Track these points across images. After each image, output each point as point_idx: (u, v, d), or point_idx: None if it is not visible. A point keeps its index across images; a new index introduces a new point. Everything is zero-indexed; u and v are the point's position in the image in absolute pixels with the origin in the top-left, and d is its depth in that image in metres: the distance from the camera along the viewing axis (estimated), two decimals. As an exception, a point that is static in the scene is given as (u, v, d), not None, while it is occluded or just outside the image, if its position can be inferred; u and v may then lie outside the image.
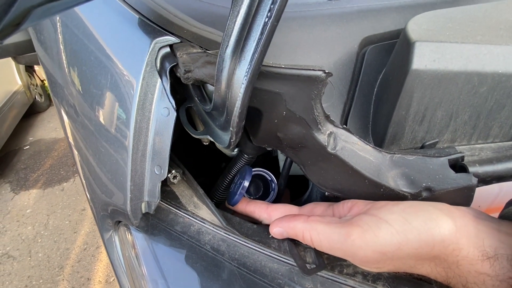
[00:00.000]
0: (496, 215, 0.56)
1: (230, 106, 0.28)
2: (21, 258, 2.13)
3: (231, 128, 0.27)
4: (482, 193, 0.53)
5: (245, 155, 0.49)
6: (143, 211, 0.38)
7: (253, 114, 0.36)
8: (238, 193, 0.41)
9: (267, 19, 0.21)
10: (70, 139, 0.51)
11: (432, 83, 0.36)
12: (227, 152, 0.51)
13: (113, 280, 1.91)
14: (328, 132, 0.35)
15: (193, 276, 0.35)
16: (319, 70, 0.30)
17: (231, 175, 0.52)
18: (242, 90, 0.24)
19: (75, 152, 0.49)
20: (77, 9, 0.47)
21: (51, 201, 2.59)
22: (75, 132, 0.48)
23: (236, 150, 0.50)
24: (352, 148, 0.35)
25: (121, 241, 0.42)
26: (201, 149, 0.63)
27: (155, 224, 0.40)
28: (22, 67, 3.39)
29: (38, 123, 3.66)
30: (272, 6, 0.21)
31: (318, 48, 0.47)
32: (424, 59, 0.34)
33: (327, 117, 0.34)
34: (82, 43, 0.44)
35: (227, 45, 0.25)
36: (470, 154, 0.38)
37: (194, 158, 0.68)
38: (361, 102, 0.46)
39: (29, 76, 3.64)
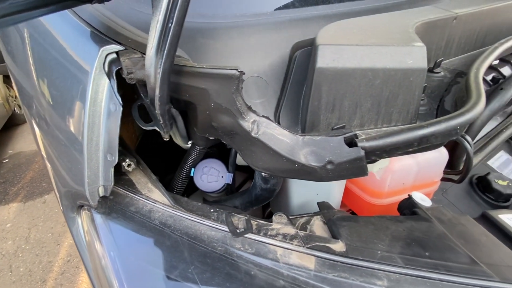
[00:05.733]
0: (422, 191, 0.65)
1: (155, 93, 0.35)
2: (1, 273, 2.08)
3: (157, 111, 0.34)
4: (405, 172, 0.62)
5: (197, 147, 0.56)
6: (101, 194, 0.44)
7: (190, 108, 0.44)
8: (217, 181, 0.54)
9: (170, 24, 0.29)
10: (38, 138, 0.57)
11: (335, 78, 0.44)
12: (182, 144, 0.58)
13: (97, 289, 1.90)
14: (252, 120, 0.42)
15: (142, 245, 0.41)
16: (233, 69, 0.37)
17: (187, 166, 0.59)
18: (159, 78, 0.31)
19: (42, 149, 0.55)
20: (44, 22, 0.53)
21: (32, 214, 2.55)
22: (39, 130, 0.54)
23: (189, 142, 0.57)
24: (272, 132, 0.42)
25: (82, 222, 0.47)
26: (170, 150, 0.70)
27: (112, 206, 0.46)
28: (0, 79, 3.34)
29: (18, 136, 3.60)
30: (173, 14, 0.29)
31: (255, 52, 0.55)
32: (325, 59, 0.43)
33: (249, 108, 0.42)
34: (46, 53, 0.51)
35: (151, 47, 0.32)
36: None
37: (164, 159, 0.75)
38: (292, 98, 0.54)
39: (7, 88, 3.59)
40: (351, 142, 0.41)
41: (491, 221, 0.50)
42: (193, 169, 0.58)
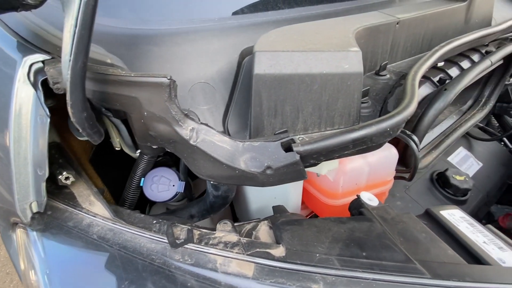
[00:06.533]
0: (373, 191, 0.67)
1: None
2: (-33, 295, 1.95)
3: (72, 119, 0.33)
4: (357, 173, 0.64)
5: (144, 156, 0.54)
6: (34, 210, 0.42)
7: (127, 117, 0.42)
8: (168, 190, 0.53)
9: (76, 28, 0.28)
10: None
11: (273, 84, 0.44)
12: (131, 154, 0.56)
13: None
14: (190, 127, 0.42)
15: (77, 262, 0.40)
16: (163, 77, 0.37)
17: (137, 176, 0.57)
18: (68, 84, 0.30)
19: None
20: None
21: (0, 230, 2.40)
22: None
23: (138, 152, 0.55)
24: (211, 139, 0.42)
25: (17, 240, 0.45)
26: (128, 161, 0.68)
27: (49, 222, 0.44)
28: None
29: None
30: (78, 21, 0.28)
31: (202, 59, 0.54)
32: (262, 65, 0.43)
33: (186, 115, 0.41)
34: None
35: (66, 53, 0.31)
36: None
37: (125, 169, 0.73)
38: (241, 104, 0.54)
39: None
40: (289, 147, 0.41)
41: (432, 217, 0.52)
42: (143, 179, 0.56)
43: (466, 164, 1.20)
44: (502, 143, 1.38)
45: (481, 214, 1.15)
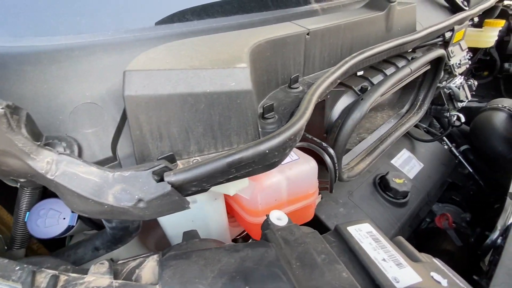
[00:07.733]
0: (294, 206, 0.65)
1: None
2: None
3: None
4: (275, 189, 0.61)
5: (25, 188, 0.48)
6: None
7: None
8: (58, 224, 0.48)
9: None
10: None
11: (151, 106, 0.40)
12: (13, 185, 0.50)
13: None
14: (46, 160, 0.36)
15: None
16: (-6, 106, 0.32)
17: (22, 211, 0.50)
18: None
19: None
20: None
21: None
22: None
23: (18, 183, 0.49)
24: (74, 171, 0.37)
25: None
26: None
27: None
28: None
29: None
30: None
31: (89, 77, 0.49)
32: (134, 86, 0.39)
33: (41, 146, 0.36)
34: None
35: None
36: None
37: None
38: (135, 124, 0.49)
39: None
40: (162, 177, 0.38)
41: (340, 234, 0.50)
42: (28, 213, 0.50)
43: (408, 166, 1.24)
44: (444, 142, 1.44)
45: (423, 213, 1.18)
